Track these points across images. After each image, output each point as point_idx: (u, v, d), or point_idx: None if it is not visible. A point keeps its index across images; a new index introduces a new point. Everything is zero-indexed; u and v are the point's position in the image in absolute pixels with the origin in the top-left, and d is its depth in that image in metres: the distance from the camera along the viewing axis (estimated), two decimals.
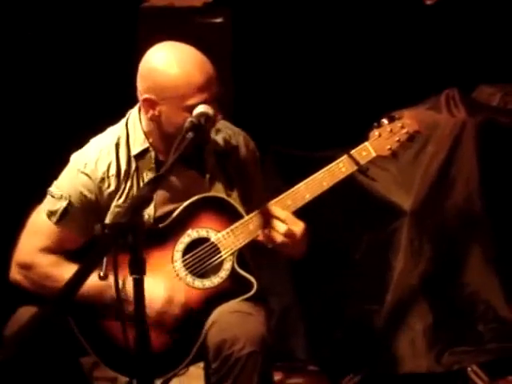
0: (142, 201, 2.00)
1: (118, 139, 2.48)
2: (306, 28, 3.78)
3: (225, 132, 2.57)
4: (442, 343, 3.30)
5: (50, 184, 2.48)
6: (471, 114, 3.36)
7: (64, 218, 2.43)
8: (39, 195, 2.49)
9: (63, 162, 2.50)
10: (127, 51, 3.57)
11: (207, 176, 2.51)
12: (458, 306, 3.31)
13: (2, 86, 3.46)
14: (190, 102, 2.36)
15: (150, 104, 2.40)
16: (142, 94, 2.41)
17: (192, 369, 2.56)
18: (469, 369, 3.29)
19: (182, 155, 2.22)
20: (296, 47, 3.78)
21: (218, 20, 3.71)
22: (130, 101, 2.58)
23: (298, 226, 2.43)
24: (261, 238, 2.44)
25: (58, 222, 2.43)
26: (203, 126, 2.32)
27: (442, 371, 3.29)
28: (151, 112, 2.41)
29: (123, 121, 2.52)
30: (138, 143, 2.48)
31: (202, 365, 2.58)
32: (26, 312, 2.38)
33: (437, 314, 3.30)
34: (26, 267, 2.44)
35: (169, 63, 2.37)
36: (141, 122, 2.48)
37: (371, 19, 3.73)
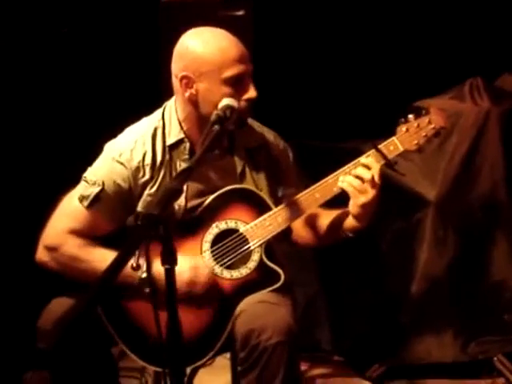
0: (173, 193, 2.03)
1: (155, 130, 2.49)
2: (327, 20, 3.78)
3: (255, 130, 2.58)
4: (468, 333, 3.30)
5: (82, 172, 2.50)
6: (495, 103, 3.35)
7: (95, 203, 2.45)
8: (70, 183, 2.51)
9: (95, 152, 2.52)
10: (149, 45, 3.59)
11: (238, 170, 2.53)
12: (484, 296, 3.30)
13: (35, 78, 3.50)
14: (228, 73, 2.37)
15: (187, 83, 2.41)
16: (178, 75, 2.42)
17: (218, 359, 2.57)
18: (495, 358, 3.29)
19: (209, 147, 2.24)
20: (317, 39, 3.78)
21: (239, 13, 3.70)
22: (153, 94, 2.60)
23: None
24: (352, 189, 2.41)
25: (88, 207, 2.45)
26: (229, 118, 2.33)
27: (468, 361, 3.29)
28: (189, 91, 2.42)
29: (159, 112, 2.54)
30: (174, 134, 2.49)
31: (228, 355, 2.60)
32: (59, 303, 2.41)
33: (462, 304, 3.30)
34: (53, 249, 2.45)
35: (204, 41, 2.40)
36: (176, 112, 2.50)
37: (392, 10, 3.73)
